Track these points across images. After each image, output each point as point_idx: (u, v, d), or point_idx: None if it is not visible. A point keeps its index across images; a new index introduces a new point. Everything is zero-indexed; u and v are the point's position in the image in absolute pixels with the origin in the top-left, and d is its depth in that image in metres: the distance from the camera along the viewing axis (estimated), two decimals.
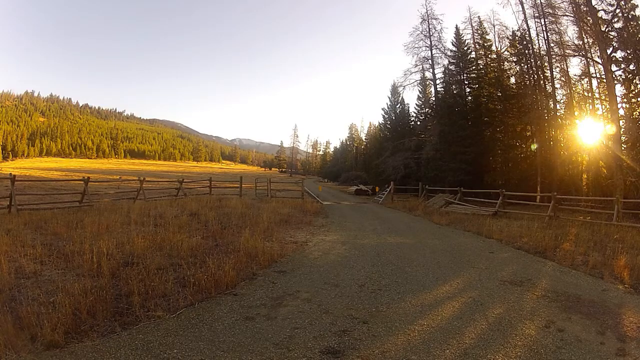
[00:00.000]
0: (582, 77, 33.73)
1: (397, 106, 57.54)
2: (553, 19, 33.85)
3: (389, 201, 33.87)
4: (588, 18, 28.68)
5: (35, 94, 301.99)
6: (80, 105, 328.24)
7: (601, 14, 27.70)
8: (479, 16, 42.55)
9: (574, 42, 32.43)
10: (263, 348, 4.96)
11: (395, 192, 35.53)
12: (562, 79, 35.21)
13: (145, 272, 7.60)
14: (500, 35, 40.91)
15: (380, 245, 12.79)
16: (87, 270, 7.79)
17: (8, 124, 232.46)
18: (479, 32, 42.45)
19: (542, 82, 35.69)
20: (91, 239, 10.17)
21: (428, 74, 45.31)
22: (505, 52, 40.64)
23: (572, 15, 31.12)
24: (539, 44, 35.83)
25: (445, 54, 43.63)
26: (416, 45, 43.93)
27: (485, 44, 42.05)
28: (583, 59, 31.71)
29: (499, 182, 33.66)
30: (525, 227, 15.71)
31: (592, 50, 30.34)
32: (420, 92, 50.62)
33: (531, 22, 35.71)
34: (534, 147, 36.80)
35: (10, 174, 18.88)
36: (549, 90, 35.11)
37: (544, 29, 34.67)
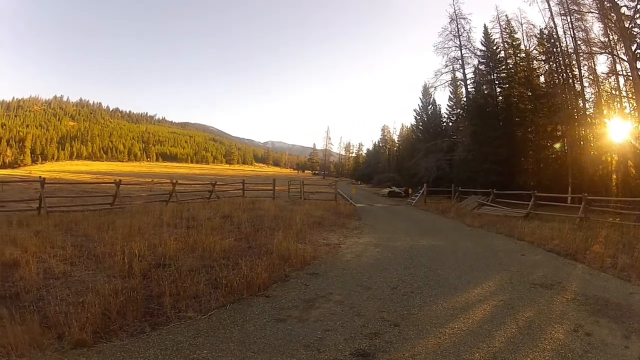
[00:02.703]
0: (609, 75, 33.03)
1: (429, 107, 56.77)
2: (579, 16, 33.28)
3: (421, 203, 33.64)
4: (612, 14, 28.21)
5: (64, 99, 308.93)
6: (111, 109, 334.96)
7: (624, 10, 27.19)
8: (506, 15, 41.79)
9: (600, 39, 31.86)
10: (293, 350, 4.98)
11: (428, 194, 35.27)
12: (590, 77, 34.53)
13: (177, 274, 7.67)
14: (528, 34, 40.36)
15: (413, 247, 12.74)
16: (118, 272, 7.90)
17: (37, 128, 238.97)
18: (507, 30, 41.70)
19: (570, 80, 35.06)
20: (123, 241, 10.25)
21: (458, 74, 45.10)
22: (534, 51, 39.99)
23: (596, 11, 30.69)
24: (566, 42, 35.26)
25: (475, 54, 43.25)
26: (446, 46, 43.78)
27: (514, 43, 41.31)
28: (609, 56, 31.10)
29: (531, 183, 33.12)
30: (556, 229, 15.43)
31: (617, 47, 29.76)
32: (451, 93, 50.04)
33: (557, 20, 35.18)
34: (557, 146, 36.57)
35: (40, 176, 19.29)
36: (578, 89, 34.54)
37: (570, 26, 34.12)
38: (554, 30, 35.44)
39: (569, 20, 33.99)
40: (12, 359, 4.53)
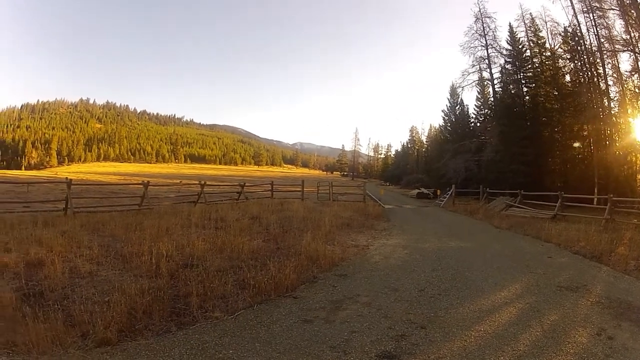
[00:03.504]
0: (632, 72, 32.47)
1: (457, 107, 56.80)
2: (600, 13, 32.88)
3: (450, 204, 33.44)
4: (632, 11, 27.93)
5: (91, 101, 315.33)
6: (138, 111, 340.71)
7: None
8: (530, 13, 41.33)
9: (622, 37, 31.49)
10: (319, 351, 4.99)
11: (456, 195, 35.06)
12: (614, 75, 33.97)
13: (205, 274, 7.74)
14: (553, 32, 39.83)
15: (441, 249, 12.73)
16: (145, 272, 7.99)
17: (63, 130, 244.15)
18: (531, 29, 41.22)
19: (595, 79, 34.54)
20: (150, 241, 10.38)
21: (485, 74, 44.83)
22: (559, 49, 39.52)
23: (617, 8, 30.47)
24: (590, 40, 34.75)
25: (501, 53, 42.94)
26: (472, 45, 43.57)
27: (539, 42, 40.84)
28: (632, 54, 30.71)
29: (558, 184, 32.94)
30: (582, 230, 15.29)
31: (639, 44, 29.35)
32: (478, 93, 49.94)
33: (580, 17, 34.67)
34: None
35: (67, 178, 19.56)
36: (603, 88, 33.99)
37: (593, 23, 33.65)
38: (578, 28, 35.16)
39: (591, 17, 33.66)
40: (33, 356, 4.59)
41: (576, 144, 36.30)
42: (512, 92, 41.74)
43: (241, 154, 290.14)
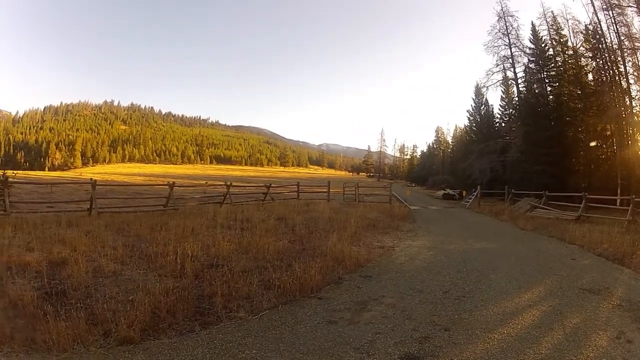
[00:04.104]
0: None
1: (482, 107, 56.74)
2: (619, 10, 32.80)
3: (475, 205, 33.51)
4: None
5: (115, 103, 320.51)
6: (164, 113, 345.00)
7: None
8: (552, 11, 41.16)
9: None
10: (343, 352, 4.99)
11: (481, 196, 35.13)
12: (635, 73, 33.71)
13: (230, 274, 7.77)
14: (574, 30, 39.59)
15: (466, 251, 12.72)
16: (170, 271, 8.04)
17: (87, 132, 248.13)
18: (553, 27, 41.00)
19: (617, 77, 34.25)
20: (175, 242, 10.46)
21: (509, 73, 44.89)
22: (581, 48, 39.26)
23: (634, 5, 30.53)
24: (610, 38, 34.57)
25: (524, 52, 42.90)
26: (495, 44, 43.83)
27: (561, 40, 40.58)
28: None
29: (582, 185, 32.50)
30: (605, 232, 15.14)
31: None
32: (503, 92, 49.80)
33: (600, 15, 34.61)
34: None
35: (91, 178, 19.83)
36: (624, 87, 33.69)
37: (613, 21, 33.49)
38: (598, 25, 35.12)
39: (610, 14, 33.60)
40: (52, 354, 4.64)
41: (593, 143, 36.13)
42: (536, 91, 41.69)
43: (267, 155, 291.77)
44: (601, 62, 35.93)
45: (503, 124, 51.19)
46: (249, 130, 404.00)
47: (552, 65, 41.10)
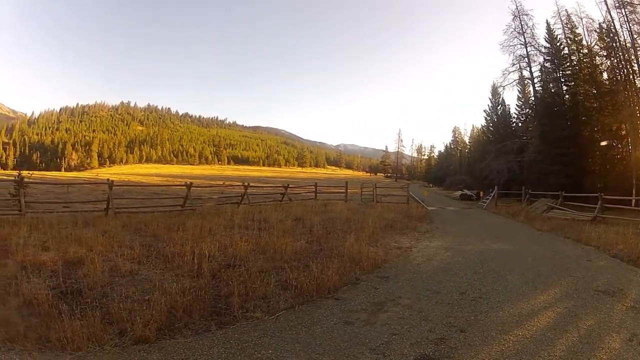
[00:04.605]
0: None
1: (498, 107, 56.68)
2: (631, 8, 32.59)
3: (492, 206, 33.53)
4: None
5: (132, 104, 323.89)
6: (180, 114, 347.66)
7: None
8: (566, 9, 40.94)
9: None
10: (359, 353, 5.01)
11: (498, 196, 35.23)
12: None
13: (247, 274, 7.81)
14: (589, 29, 39.27)
15: (483, 251, 12.73)
16: (187, 271, 8.09)
17: (104, 133, 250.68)
18: (568, 26, 40.78)
19: (631, 76, 33.99)
20: (193, 242, 10.52)
21: (525, 73, 44.80)
22: (595, 46, 38.99)
23: None
24: (624, 36, 34.32)
25: (540, 51, 42.73)
26: (511, 44, 43.75)
27: (576, 39, 40.34)
28: None
29: (598, 185, 32.19)
30: (620, 233, 15.12)
31: None
32: (519, 92, 49.84)
33: (614, 13, 34.30)
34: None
35: (108, 179, 19.97)
36: (639, 85, 33.44)
37: (626, 19, 33.23)
38: (612, 24, 34.85)
39: (623, 12, 33.36)
40: (66, 352, 4.69)
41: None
42: (552, 90, 41.47)
43: (284, 156, 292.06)
44: (615, 60, 35.78)
45: (520, 124, 51.17)
46: (266, 130, 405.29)
47: (568, 64, 40.95)
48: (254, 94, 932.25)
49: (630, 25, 32.89)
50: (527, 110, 48.84)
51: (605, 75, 38.54)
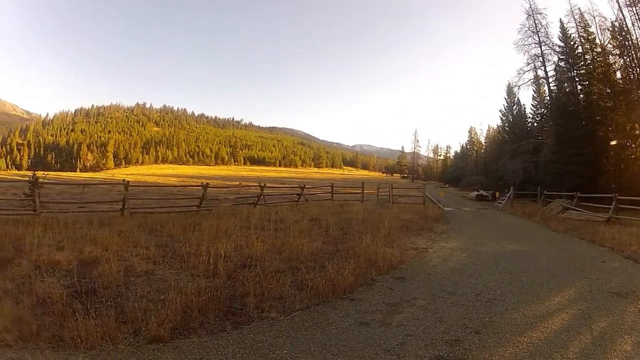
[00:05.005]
0: None
1: (514, 107, 56.43)
2: None
3: (508, 207, 33.57)
4: None
5: (147, 106, 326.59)
6: (196, 115, 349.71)
7: None
8: (579, 8, 40.84)
9: None
10: (373, 353, 5.01)
11: (514, 197, 35.24)
12: None
13: (263, 275, 7.84)
14: (601, 27, 39.16)
15: (498, 253, 12.73)
16: (202, 271, 8.14)
17: (119, 134, 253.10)
18: (581, 24, 40.60)
19: None
20: (208, 242, 10.54)
21: (540, 72, 44.76)
22: (608, 45, 38.84)
23: None
24: (636, 34, 34.26)
25: (554, 50, 42.62)
26: (525, 43, 43.69)
27: (589, 37, 40.14)
28: None
29: (612, 185, 32.19)
30: (634, 234, 15.22)
31: None
32: (534, 92, 49.65)
33: (625, 12, 34.44)
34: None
35: (124, 179, 20.12)
36: None
37: (637, 17, 33.27)
38: (623, 22, 34.93)
39: (635, 11, 33.51)
40: (80, 350, 4.72)
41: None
42: (567, 90, 41.35)
43: (301, 156, 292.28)
44: (628, 59, 35.74)
45: (535, 124, 51.14)
46: (282, 131, 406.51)
47: (582, 63, 40.80)
48: (270, 95, 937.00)
49: None
50: (542, 110, 48.85)
51: (618, 75, 38.51)
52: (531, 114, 52.81)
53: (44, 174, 24.86)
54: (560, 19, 42.04)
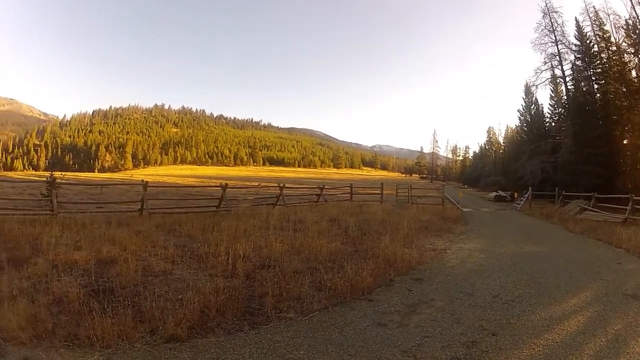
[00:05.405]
0: None
1: (531, 107, 56.05)
2: None
3: (526, 208, 33.42)
4: None
5: (166, 107, 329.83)
6: (215, 115, 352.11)
7: None
8: (593, 6, 40.53)
9: None
10: (390, 355, 5.02)
11: (532, 198, 35.10)
12: None
13: (281, 275, 7.86)
14: (616, 25, 38.77)
15: (516, 254, 12.70)
16: (220, 271, 8.17)
17: (138, 135, 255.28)
18: (596, 23, 40.22)
19: None
20: (227, 242, 10.54)
21: (557, 71, 44.49)
22: (623, 44, 38.44)
23: None
24: None
25: (571, 49, 42.33)
26: (542, 42, 43.44)
27: (604, 36, 39.78)
28: None
29: (629, 186, 31.82)
30: None
31: None
32: (551, 91, 49.43)
33: (638, 10, 34.03)
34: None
35: (143, 180, 20.25)
36: None
37: None
38: (637, 20, 34.60)
39: None
40: (95, 349, 4.76)
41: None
42: (584, 89, 41.08)
43: (320, 157, 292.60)
44: None
45: (553, 124, 50.87)
46: (301, 132, 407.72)
47: (598, 62, 40.46)
48: (288, 95, 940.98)
49: None
50: (560, 109, 48.57)
51: (633, 73, 38.12)
52: (549, 113, 52.72)
53: (61, 174, 25.16)
54: (576, 18, 41.93)
